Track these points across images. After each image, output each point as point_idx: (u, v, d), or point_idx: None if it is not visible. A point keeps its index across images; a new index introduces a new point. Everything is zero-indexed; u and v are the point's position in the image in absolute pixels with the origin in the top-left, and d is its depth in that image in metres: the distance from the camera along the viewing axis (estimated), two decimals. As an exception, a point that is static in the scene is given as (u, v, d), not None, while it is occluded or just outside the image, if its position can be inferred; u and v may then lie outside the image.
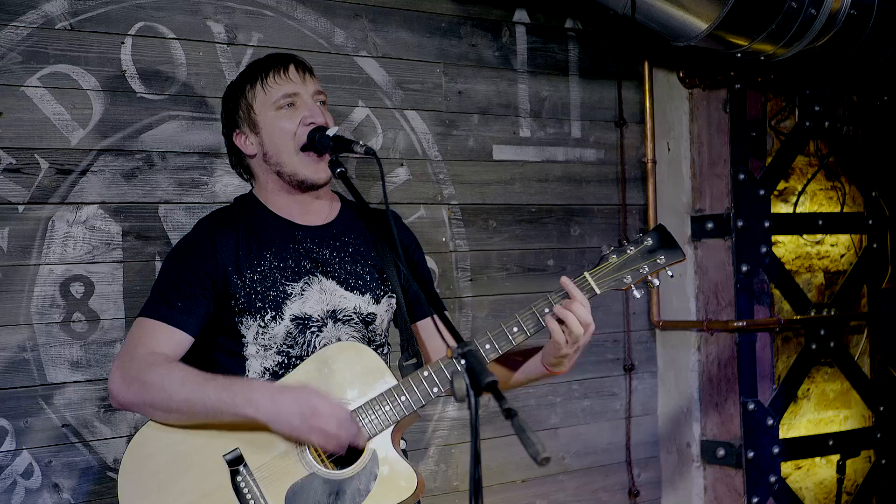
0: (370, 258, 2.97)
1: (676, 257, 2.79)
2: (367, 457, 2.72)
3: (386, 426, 2.72)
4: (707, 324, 4.53)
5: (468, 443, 4.15)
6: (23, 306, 3.26)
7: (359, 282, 2.93)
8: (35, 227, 3.29)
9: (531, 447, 2.25)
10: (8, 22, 3.25)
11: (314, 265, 2.88)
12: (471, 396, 2.23)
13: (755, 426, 4.48)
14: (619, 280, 2.77)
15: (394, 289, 2.98)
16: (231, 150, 3.01)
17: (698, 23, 3.92)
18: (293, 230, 2.91)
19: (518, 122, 4.35)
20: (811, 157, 4.80)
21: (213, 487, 2.66)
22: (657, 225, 2.83)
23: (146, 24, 3.48)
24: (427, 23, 4.12)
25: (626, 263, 2.77)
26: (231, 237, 2.86)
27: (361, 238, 2.99)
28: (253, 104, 2.90)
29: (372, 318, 2.93)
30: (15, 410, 3.24)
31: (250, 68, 2.96)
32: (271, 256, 2.86)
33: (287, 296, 2.84)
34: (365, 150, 2.79)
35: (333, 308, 2.88)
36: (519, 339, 2.75)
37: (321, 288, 2.87)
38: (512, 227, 4.31)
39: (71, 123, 3.34)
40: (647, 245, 2.78)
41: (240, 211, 2.95)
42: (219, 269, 2.82)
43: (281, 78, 2.89)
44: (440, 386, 2.73)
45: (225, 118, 2.99)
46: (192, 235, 2.92)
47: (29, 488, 3.25)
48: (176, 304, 2.77)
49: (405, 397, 2.73)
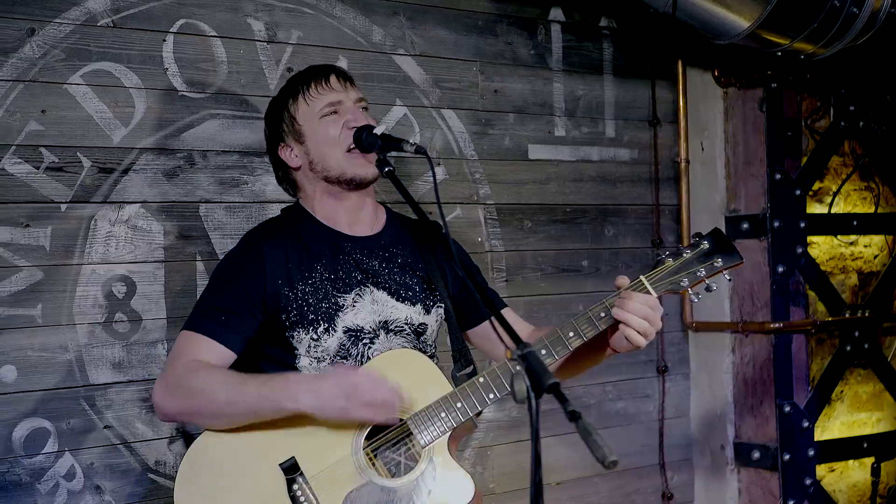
0: (418, 269, 2.95)
1: (734, 260, 2.74)
2: (424, 464, 2.68)
3: (442, 433, 2.68)
4: (743, 325, 4.49)
5: (504, 444, 4.17)
6: (65, 306, 3.23)
7: (409, 292, 2.90)
8: (77, 226, 3.26)
9: (598, 450, 2.21)
10: (51, 19, 3.22)
11: (365, 276, 2.86)
12: (531, 398, 2.20)
13: (791, 429, 4.44)
14: (675, 283, 2.72)
15: (442, 299, 2.95)
16: (277, 166, 2.99)
17: (740, 21, 3.89)
18: (342, 241, 2.89)
19: (553, 121, 4.31)
20: (846, 157, 4.77)
21: (270, 496, 2.63)
22: (713, 228, 2.79)
23: (188, 21, 3.44)
24: (464, 21, 4.08)
25: (682, 267, 2.72)
26: (280, 249, 2.83)
27: (408, 249, 2.97)
28: (296, 116, 2.88)
29: (423, 328, 2.92)
30: (58, 412, 3.20)
31: (291, 82, 2.96)
32: (322, 268, 2.83)
33: (339, 307, 2.81)
34: (415, 149, 2.74)
35: (385, 319, 2.85)
36: (575, 343, 2.71)
37: (373, 299, 2.85)
38: (547, 228, 4.28)
39: (113, 122, 3.31)
40: (704, 248, 2.74)
41: (288, 222, 2.92)
42: (268, 284, 2.78)
43: (323, 88, 2.88)
44: (496, 392, 2.70)
45: (269, 134, 2.98)
46: (240, 248, 2.89)
47: (71, 490, 3.22)
48: (221, 318, 2.73)
49: (461, 403, 2.69)
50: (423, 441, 2.67)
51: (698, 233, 2.79)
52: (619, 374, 4.47)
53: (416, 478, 2.67)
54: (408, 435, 2.70)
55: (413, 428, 2.67)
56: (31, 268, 3.18)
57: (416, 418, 2.68)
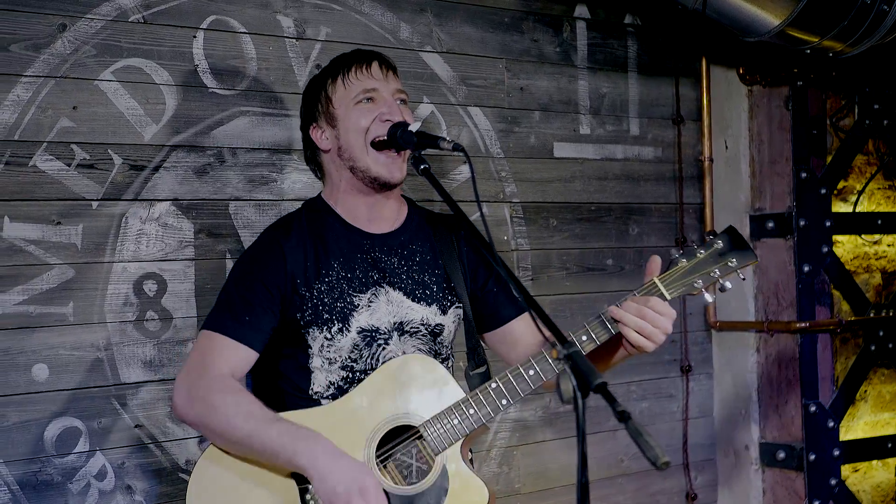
0: (437, 266, 2.89)
1: (748, 259, 2.68)
2: (437, 471, 2.63)
3: (455, 440, 2.63)
4: (768, 324, 4.46)
5: (530, 445, 4.14)
6: (97, 304, 3.20)
7: (426, 292, 2.84)
8: (108, 223, 3.23)
9: (650, 451, 2.18)
10: (82, 14, 3.19)
11: (381, 276, 2.80)
12: (578, 398, 2.17)
13: (816, 429, 4.42)
14: (689, 285, 2.66)
15: (461, 298, 2.89)
16: (306, 144, 2.92)
17: (770, 19, 3.86)
18: (361, 238, 2.82)
19: (578, 118, 4.29)
20: (869, 155, 4.75)
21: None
22: (727, 227, 2.72)
23: (217, 17, 3.42)
24: (490, 17, 4.06)
25: (696, 267, 2.66)
26: (299, 246, 2.77)
27: (428, 245, 2.91)
28: (332, 98, 2.81)
29: (440, 329, 2.85)
30: (89, 411, 3.18)
31: (333, 63, 2.88)
32: (339, 266, 2.77)
33: (354, 307, 2.75)
34: (453, 146, 2.68)
35: (400, 320, 2.80)
36: (588, 347, 2.64)
37: (388, 299, 2.79)
38: (572, 226, 4.26)
39: (144, 118, 3.28)
40: (718, 248, 2.67)
41: (308, 217, 2.86)
42: (287, 281, 2.73)
43: (363, 73, 2.81)
44: (509, 398, 2.64)
45: (304, 111, 2.91)
46: (260, 244, 2.83)
47: (102, 490, 3.19)
48: (244, 318, 2.67)
49: (474, 410, 2.63)
50: (437, 448, 2.63)
51: (712, 231, 2.73)
52: (642, 374, 4.44)
53: (429, 485, 2.62)
54: (420, 441, 2.66)
55: (426, 435, 2.63)
56: (63, 265, 3.16)
57: (428, 425, 2.63)
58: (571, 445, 4.21)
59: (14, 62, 3.09)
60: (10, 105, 3.08)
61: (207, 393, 2.59)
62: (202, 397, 2.59)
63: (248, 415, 2.56)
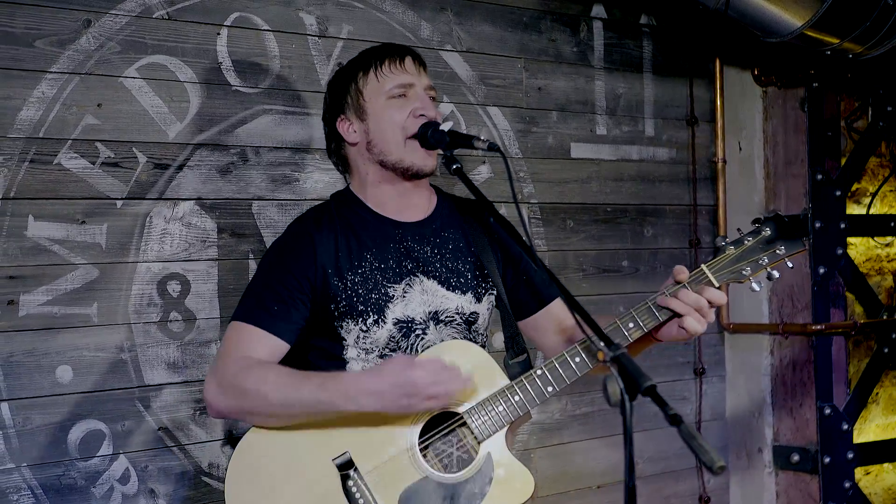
0: (470, 254, 2.84)
1: (797, 247, 2.64)
2: (482, 459, 2.60)
3: (500, 427, 2.60)
4: (783, 327, 4.45)
5: (548, 447, 4.11)
6: (121, 305, 3.15)
7: (460, 280, 2.80)
8: (133, 223, 3.18)
9: (705, 455, 2.17)
10: (107, 10, 3.14)
11: (415, 265, 2.75)
12: (626, 401, 2.15)
13: (831, 431, 4.41)
14: (737, 272, 2.62)
15: (495, 285, 2.84)
16: (331, 137, 2.86)
17: (792, 20, 3.85)
18: (393, 228, 2.78)
19: (595, 119, 4.26)
20: (882, 157, 4.74)
21: (324, 493, 2.54)
22: (773, 214, 2.67)
23: (241, 14, 3.37)
24: (509, 16, 4.03)
25: (744, 255, 2.62)
26: (330, 237, 2.72)
27: (460, 232, 2.86)
28: (363, 90, 2.76)
29: (474, 317, 2.81)
30: (112, 413, 3.13)
31: (363, 55, 2.82)
32: (371, 257, 2.72)
33: (389, 298, 2.71)
34: (488, 146, 2.65)
35: (435, 309, 2.75)
36: (636, 335, 2.63)
37: (423, 289, 2.75)
38: (588, 227, 4.23)
39: (168, 116, 3.23)
40: (766, 235, 2.63)
41: (337, 209, 2.80)
42: (318, 272, 2.68)
43: (397, 68, 2.77)
44: (555, 385, 2.60)
45: (330, 103, 2.85)
46: (289, 235, 2.78)
47: (126, 494, 3.14)
48: (273, 308, 2.63)
49: (518, 397, 2.60)
50: (481, 435, 2.59)
51: (758, 218, 2.69)
52: (656, 377, 4.33)
53: (474, 473, 2.59)
54: (463, 428, 2.62)
55: (470, 422, 2.59)
56: (87, 265, 3.10)
57: (472, 412, 2.60)
58: (591, 447, 4.19)
59: (39, 58, 3.04)
60: (34, 102, 3.02)
61: (234, 379, 2.56)
62: (231, 383, 2.56)
63: (277, 385, 2.53)
